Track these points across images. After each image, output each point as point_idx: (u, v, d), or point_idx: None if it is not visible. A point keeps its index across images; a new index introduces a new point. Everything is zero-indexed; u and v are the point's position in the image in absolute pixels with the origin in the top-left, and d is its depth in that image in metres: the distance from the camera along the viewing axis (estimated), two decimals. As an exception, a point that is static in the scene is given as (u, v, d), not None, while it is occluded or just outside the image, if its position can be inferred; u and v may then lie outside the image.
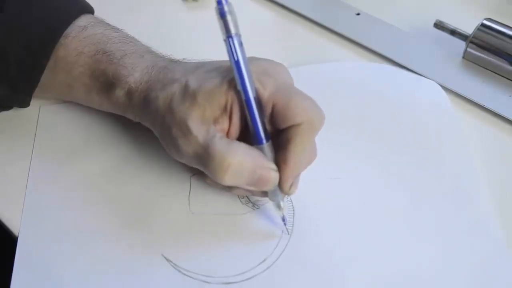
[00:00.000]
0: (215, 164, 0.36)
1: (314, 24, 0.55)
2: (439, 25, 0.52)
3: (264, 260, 0.39)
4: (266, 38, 0.55)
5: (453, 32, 0.51)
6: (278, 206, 0.39)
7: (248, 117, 0.37)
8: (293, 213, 0.41)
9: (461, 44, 0.50)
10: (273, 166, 0.37)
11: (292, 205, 0.42)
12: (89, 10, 0.46)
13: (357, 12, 0.55)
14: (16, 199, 0.43)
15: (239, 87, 0.36)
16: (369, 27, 0.54)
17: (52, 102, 0.48)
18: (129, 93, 0.41)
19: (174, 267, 0.39)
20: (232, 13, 0.36)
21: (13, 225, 0.42)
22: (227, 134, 0.38)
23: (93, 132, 0.46)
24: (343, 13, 0.55)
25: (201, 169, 0.38)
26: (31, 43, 0.42)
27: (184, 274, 0.39)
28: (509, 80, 0.49)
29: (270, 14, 0.57)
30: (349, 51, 0.53)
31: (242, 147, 0.37)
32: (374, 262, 0.39)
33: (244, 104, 0.37)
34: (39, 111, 0.47)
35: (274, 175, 0.37)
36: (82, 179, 0.44)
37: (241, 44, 0.36)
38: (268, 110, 0.37)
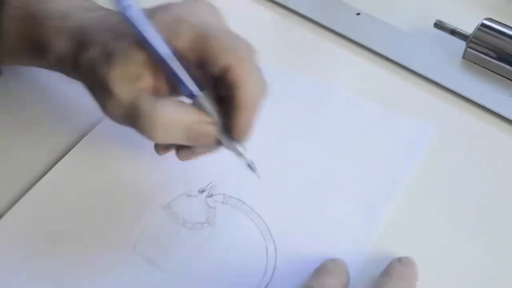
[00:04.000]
0: (144, 123, 0.34)
1: (314, 24, 0.55)
2: (439, 25, 0.52)
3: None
4: (266, 38, 0.55)
5: (453, 32, 0.51)
6: (239, 154, 0.37)
7: (169, 74, 0.35)
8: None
9: (461, 44, 0.50)
10: (208, 119, 0.35)
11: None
12: None
13: (357, 12, 0.55)
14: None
15: (147, 46, 0.35)
16: (369, 27, 0.54)
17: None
18: (60, 59, 0.40)
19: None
20: None
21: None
22: (156, 93, 0.36)
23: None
24: (343, 13, 0.55)
25: (132, 129, 0.36)
26: None
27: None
28: (509, 80, 0.49)
29: (270, 14, 0.57)
30: (349, 51, 0.53)
31: (171, 103, 0.35)
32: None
33: (160, 63, 0.35)
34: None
35: (210, 129, 0.36)
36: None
37: (138, 10, 0.34)
38: (192, 59, 0.35)
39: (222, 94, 0.36)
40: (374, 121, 0.47)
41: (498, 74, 0.49)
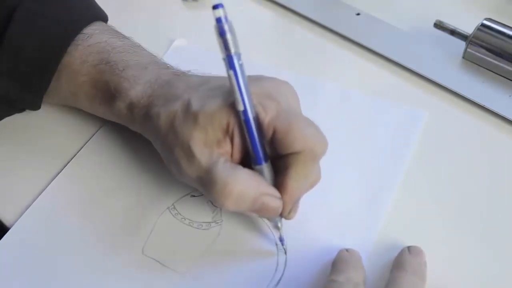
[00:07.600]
0: (217, 190, 0.35)
1: (314, 24, 0.55)
2: (439, 25, 0.52)
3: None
4: (266, 38, 0.55)
5: (453, 32, 0.51)
6: (276, 227, 0.39)
7: (247, 137, 0.36)
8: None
9: (461, 44, 0.50)
10: (277, 193, 0.37)
11: None
12: (102, 18, 0.45)
13: (357, 12, 0.55)
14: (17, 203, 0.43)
15: (238, 107, 0.36)
16: (369, 27, 0.54)
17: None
18: (130, 106, 0.41)
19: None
20: (232, 31, 0.35)
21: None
22: (231, 157, 0.37)
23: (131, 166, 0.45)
24: (343, 13, 0.55)
25: (202, 191, 0.38)
26: (44, 44, 0.41)
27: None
28: (509, 80, 0.49)
29: (270, 14, 0.57)
30: (349, 51, 0.53)
31: (245, 173, 0.36)
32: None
33: (243, 124, 0.36)
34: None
35: (278, 204, 0.37)
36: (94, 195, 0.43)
37: (240, 63, 0.35)
38: (268, 135, 0.36)
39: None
40: (366, 110, 0.48)
41: (498, 74, 0.49)
